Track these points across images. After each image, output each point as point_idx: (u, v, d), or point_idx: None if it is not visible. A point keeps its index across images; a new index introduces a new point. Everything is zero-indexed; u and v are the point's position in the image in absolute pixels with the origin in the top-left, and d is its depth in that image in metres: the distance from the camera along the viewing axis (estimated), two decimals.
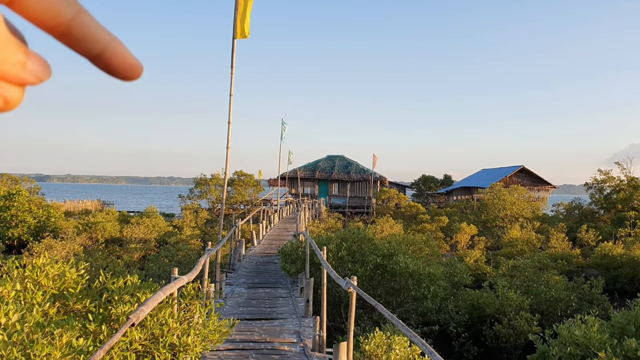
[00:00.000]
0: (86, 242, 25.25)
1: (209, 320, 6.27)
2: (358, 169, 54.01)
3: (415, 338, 4.05)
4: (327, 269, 7.61)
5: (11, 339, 4.27)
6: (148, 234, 27.57)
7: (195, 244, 24.77)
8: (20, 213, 27.25)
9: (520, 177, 54.69)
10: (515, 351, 14.14)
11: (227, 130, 12.94)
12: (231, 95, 12.55)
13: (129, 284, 6.21)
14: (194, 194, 45.55)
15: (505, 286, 15.66)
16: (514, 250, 26.23)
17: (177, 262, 17.92)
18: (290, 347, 7.88)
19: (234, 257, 16.46)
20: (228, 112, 12.73)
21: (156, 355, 5.40)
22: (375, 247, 13.37)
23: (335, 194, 53.05)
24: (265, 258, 17.57)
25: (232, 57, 12.08)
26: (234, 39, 11.85)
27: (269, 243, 21.46)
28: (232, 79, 12.32)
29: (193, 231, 30.50)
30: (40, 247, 18.78)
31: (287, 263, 13.61)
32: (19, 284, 5.68)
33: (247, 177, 47.17)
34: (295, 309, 10.46)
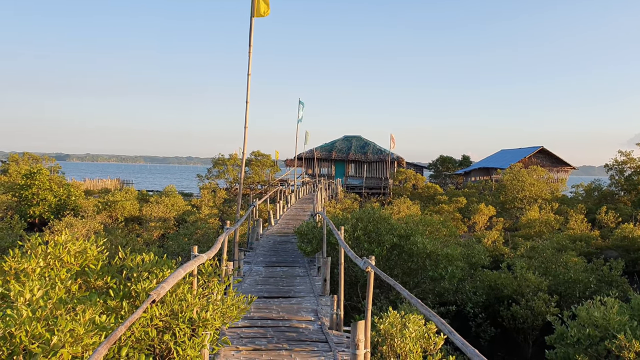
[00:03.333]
0: (106, 221, 25.58)
1: (227, 297, 6.33)
2: (375, 149, 53.77)
3: (435, 317, 4.05)
4: (344, 248, 7.62)
5: (35, 314, 4.35)
6: (167, 212, 27.86)
7: (213, 222, 24.98)
8: (41, 191, 27.66)
9: (540, 158, 54.05)
10: (533, 332, 14.12)
11: (245, 110, 12.94)
12: (249, 74, 12.52)
13: (146, 260, 6.28)
14: (212, 173, 45.85)
15: (523, 267, 15.58)
16: (532, 232, 26.04)
17: (195, 240, 18.11)
18: (308, 325, 7.95)
19: (251, 236, 16.58)
20: (246, 92, 12.72)
21: (176, 331, 5.47)
22: (392, 227, 13.35)
23: (351, 175, 52.97)
24: (282, 237, 17.68)
25: (250, 36, 12.03)
26: (252, 17, 11.78)
27: (286, 223, 21.56)
28: (249, 59, 12.29)
29: (211, 210, 30.76)
30: (61, 225, 19.06)
31: (303, 243, 13.67)
32: (42, 260, 5.77)
33: (264, 157, 47.30)
34: (313, 287, 10.53)
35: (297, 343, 7.17)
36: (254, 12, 11.60)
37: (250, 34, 11.97)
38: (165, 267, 6.23)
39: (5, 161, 45.96)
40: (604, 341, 8.71)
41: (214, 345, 5.90)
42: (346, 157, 52.87)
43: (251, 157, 46.79)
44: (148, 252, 7.65)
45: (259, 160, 46.97)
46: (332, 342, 7.17)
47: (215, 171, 45.89)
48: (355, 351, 5.65)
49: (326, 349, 6.94)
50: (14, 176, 33.38)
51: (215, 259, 7.32)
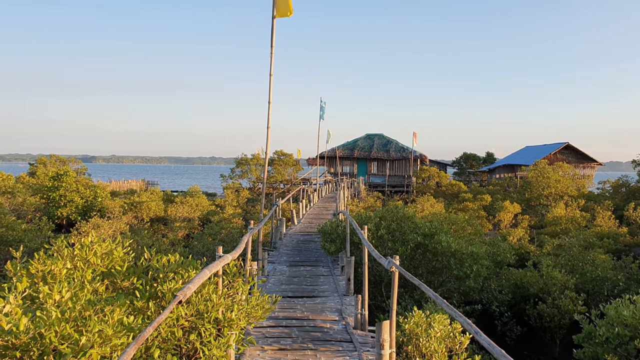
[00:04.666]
0: (132, 221, 25.90)
1: (252, 297, 6.36)
2: (398, 147, 53.54)
3: (460, 317, 4.01)
4: (368, 247, 7.60)
5: (64, 315, 4.42)
6: (191, 213, 28.12)
7: (237, 222, 25.13)
8: (68, 193, 28.12)
9: (565, 154, 53.24)
10: (560, 331, 13.92)
11: (268, 110, 12.98)
12: (271, 75, 12.56)
13: (172, 261, 6.34)
14: (235, 173, 46.14)
15: (549, 265, 15.37)
16: (559, 229, 25.68)
17: (220, 240, 18.24)
18: (333, 325, 7.95)
19: (275, 235, 16.63)
20: (268, 92, 12.76)
21: (202, 331, 5.51)
22: (416, 225, 13.27)
23: (374, 173, 52.82)
24: (305, 236, 17.70)
25: (271, 37, 12.06)
26: (274, 18, 11.80)
27: (309, 222, 21.58)
28: (272, 59, 12.32)
29: (235, 210, 30.96)
30: (88, 226, 19.36)
31: (327, 242, 13.66)
32: (70, 262, 5.86)
33: (287, 156, 47.45)
34: (337, 287, 10.52)
35: (322, 343, 7.17)
36: (275, 12, 11.63)
37: (272, 34, 12.00)
38: (190, 268, 6.28)
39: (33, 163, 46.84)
40: (633, 340, 8.55)
41: (239, 345, 5.93)
42: (368, 155, 52.74)
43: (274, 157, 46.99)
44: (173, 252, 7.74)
45: (282, 159, 47.14)
46: (357, 342, 7.16)
47: (238, 171, 46.18)
48: (381, 351, 5.63)
49: (351, 349, 6.93)
50: (41, 178, 33.99)
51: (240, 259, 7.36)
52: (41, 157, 46.38)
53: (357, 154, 53.09)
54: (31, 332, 4.18)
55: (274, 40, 12.21)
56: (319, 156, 45.84)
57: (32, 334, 4.18)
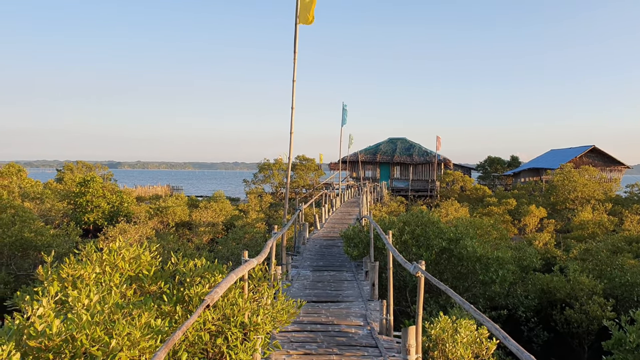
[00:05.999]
0: (157, 226, 26.20)
1: (277, 301, 6.38)
2: (421, 151, 53.26)
3: (488, 322, 3.99)
4: (393, 252, 7.58)
5: (94, 318, 4.49)
6: (216, 217, 28.34)
7: (260, 227, 25.25)
8: (95, 199, 28.58)
9: (591, 157, 52.39)
10: (588, 337, 13.68)
11: (291, 116, 13.04)
12: (294, 81, 12.61)
13: (198, 265, 6.40)
14: (258, 178, 46.40)
15: (576, 270, 15.13)
16: (586, 233, 25.26)
17: (244, 244, 18.34)
18: (358, 330, 7.93)
19: (298, 240, 16.67)
20: (291, 98, 12.82)
21: (228, 335, 5.55)
22: (441, 230, 13.19)
23: (397, 177, 52.60)
24: (328, 241, 17.70)
25: (294, 43, 12.11)
26: (297, 24, 11.87)
27: (332, 226, 21.58)
28: (294, 65, 12.37)
29: (258, 215, 31.10)
30: (115, 231, 19.63)
31: (350, 247, 13.65)
32: (98, 267, 5.96)
33: (309, 161, 47.55)
34: (361, 292, 10.50)
35: (347, 348, 7.16)
36: (298, 19, 11.69)
37: (295, 41, 12.07)
38: (216, 272, 6.33)
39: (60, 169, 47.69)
40: None
41: (265, 350, 5.95)
42: (391, 160, 52.55)
43: (296, 161, 47.12)
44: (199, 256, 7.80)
45: (304, 164, 47.25)
46: (382, 347, 7.14)
47: (261, 176, 46.43)
48: (407, 356, 5.61)
49: (376, 354, 6.91)
50: (69, 184, 34.58)
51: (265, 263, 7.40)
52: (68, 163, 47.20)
53: (379, 158, 52.94)
54: (63, 334, 4.27)
55: (297, 46, 12.27)
56: (341, 161, 45.83)
57: (64, 337, 4.27)
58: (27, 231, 16.64)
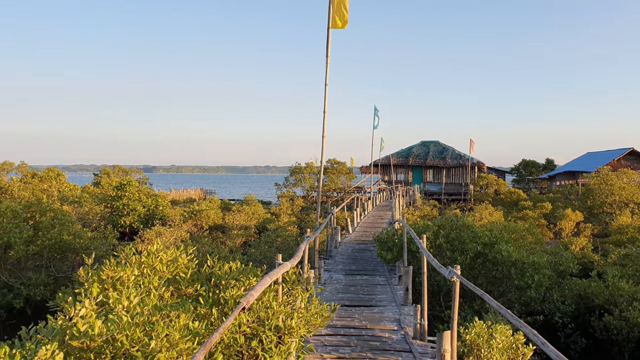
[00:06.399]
0: (192, 229, 26.56)
1: (311, 305, 6.41)
2: (454, 154, 52.73)
3: (525, 328, 3.94)
4: (427, 257, 7.54)
5: (134, 320, 4.59)
6: (248, 221, 28.58)
7: (292, 230, 25.35)
8: (131, 202, 29.15)
9: (630, 160, 51.05)
10: (629, 344, 13.34)
11: (323, 120, 13.08)
12: (326, 85, 12.66)
13: (233, 268, 6.48)
14: (289, 182, 46.60)
15: (615, 275, 14.77)
16: (624, 238, 24.62)
17: (276, 248, 18.44)
18: (391, 334, 7.91)
19: (330, 244, 16.68)
20: (323, 102, 12.86)
21: (263, 338, 5.60)
22: (475, 234, 13.05)
23: (430, 181, 52.18)
24: (360, 245, 17.67)
25: (327, 47, 12.16)
26: (329, 28, 11.91)
27: (364, 230, 21.54)
28: (327, 69, 12.42)
29: (289, 218, 31.24)
30: (151, 234, 19.97)
31: (383, 250, 13.60)
32: (137, 269, 6.08)
33: (340, 164, 47.55)
34: (394, 296, 10.45)
35: (381, 352, 7.14)
36: (330, 23, 11.74)
37: (327, 44, 12.11)
38: (251, 275, 6.40)
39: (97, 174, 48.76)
40: None
41: (299, 353, 5.99)
42: (424, 163, 52.16)
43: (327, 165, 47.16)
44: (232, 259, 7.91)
45: (335, 167, 47.27)
46: (416, 352, 7.10)
47: (292, 179, 46.63)
48: None
49: (410, 359, 6.88)
50: (105, 188, 35.33)
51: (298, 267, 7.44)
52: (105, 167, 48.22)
53: (412, 161, 52.60)
54: (104, 335, 4.38)
55: (329, 50, 12.32)
56: (373, 164, 45.69)
57: (105, 337, 4.37)
58: (66, 234, 17.05)
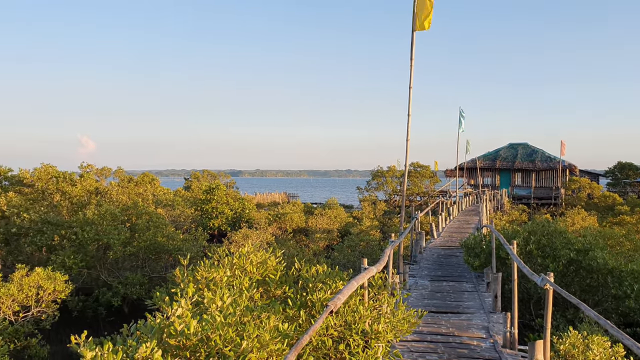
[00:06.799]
0: (276, 232, 27.11)
1: (398, 310, 6.38)
2: (544, 157, 50.63)
3: (628, 340, 3.74)
4: (518, 263, 7.30)
5: (227, 320, 4.76)
6: (330, 224, 28.78)
7: (375, 234, 25.27)
8: (219, 205, 30.20)
9: None
10: None
11: (407, 123, 12.97)
12: (410, 87, 12.56)
13: (320, 271, 6.57)
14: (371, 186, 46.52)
15: None
16: None
17: (359, 252, 18.46)
18: (480, 342, 7.72)
19: (414, 249, 16.50)
20: (407, 105, 12.76)
21: (350, 341, 5.63)
22: (568, 241, 12.48)
23: (518, 185, 50.38)
24: (446, 251, 17.36)
25: (411, 50, 12.07)
26: (413, 31, 11.82)
27: (449, 235, 21.14)
28: (411, 72, 12.32)
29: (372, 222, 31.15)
30: (238, 236, 20.58)
31: (470, 257, 13.29)
32: (229, 270, 6.30)
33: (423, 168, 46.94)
34: (482, 303, 10.20)
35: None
36: (414, 25, 11.65)
37: (411, 47, 12.02)
38: (337, 279, 6.46)
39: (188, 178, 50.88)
40: None
41: (386, 358, 5.97)
42: (512, 166, 50.43)
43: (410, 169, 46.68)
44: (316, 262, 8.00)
45: (418, 171, 46.70)
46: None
47: (374, 183, 46.51)
48: None
49: None
50: (195, 192, 36.78)
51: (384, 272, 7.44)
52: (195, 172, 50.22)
53: (499, 164, 51.00)
54: (199, 334, 4.57)
55: (413, 52, 12.22)
56: (458, 167, 44.73)
57: (200, 337, 4.57)
58: (160, 236, 17.89)
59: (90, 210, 18.55)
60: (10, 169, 26.57)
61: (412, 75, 12.41)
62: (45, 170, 24.25)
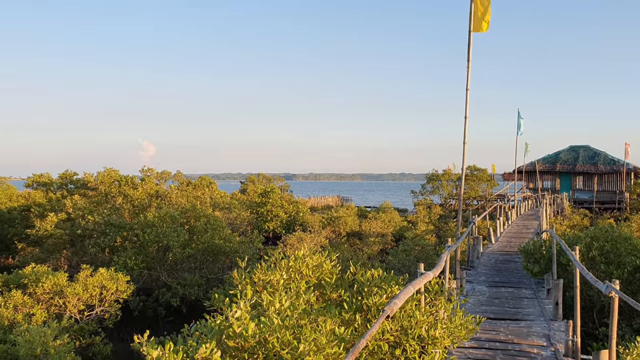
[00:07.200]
0: (330, 235, 27.20)
1: (455, 316, 6.29)
2: (607, 159, 48.73)
3: None
4: (581, 270, 7.07)
5: (284, 322, 4.81)
6: (384, 228, 28.64)
7: (430, 239, 24.98)
8: (274, 208, 30.59)
9: None
10: None
11: (464, 125, 12.78)
12: (467, 89, 12.38)
13: (375, 275, 6.55)
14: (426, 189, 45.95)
15: None
16: None
17: (414, 257, 18.29)
18: (540, 351, 7.50)
19: (472, 254, 16.21)
20: (465, 107, 12.58)
21: (406, 347, 5.60)
22: (634, 247, 11.96)
23: (579, 188, 48.65)
24: (504, 256, 16.97)
25: (468, 51, 11.90)
26: (470, 32, 11.65)
27: (508, 240, 20.65)
28: (468, 73, 12.15)
29: (427, 226, 30.82)
30: (293, 239, 20.77)
31: (529, 262, 12.94)
32: (286, 273, 6.37)
33: (480, 171, 46.04)
34: (543, 311, 9.91)
35: None
36: (472, 27, 11.47)
37: (468, 49, 11.85)
38: (392, 283, 6.44)
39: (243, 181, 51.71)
40: None
41: None
42: (572, 169, 48.76)
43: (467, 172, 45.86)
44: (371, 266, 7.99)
45: (475, 174, 45.83)
46: None
47: (429, 187, 45.92)
48: None
49: None
50: (251, 195, 37.35)
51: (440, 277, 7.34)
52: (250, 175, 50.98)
53: (559, 167, 49.42)
54: (257, 336, 4.64)
55: (470, 54, 12.04)
56: (517, 170, 43.62)
57: (258, 339, 4.64)
58: (218, 238, 18.27)
59: (151, 213, 19.14)
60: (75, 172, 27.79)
61: (469, 77, 12.23)
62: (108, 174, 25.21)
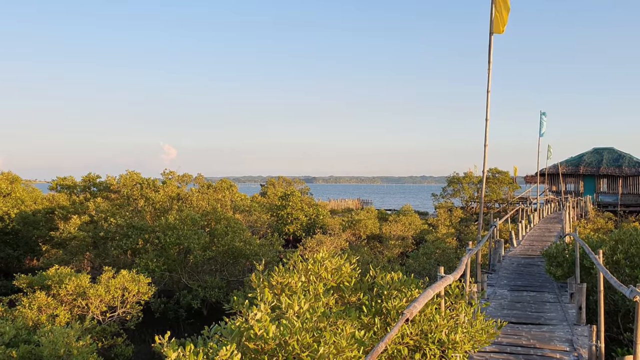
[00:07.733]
0: (350, 238, 27.16)
1: (476, 320, 6.24)
2: (632, 162, 47.92)
3: None
4: (605, 274, 6.95)
5: (304, 325, 4.82)
6: (405, 231, 28.51)
7: (451, 242, 24.79)
8: (294, 211, 30.64)
9: None
10: None
11: (485, 128, 12.65)
12: (488, 91, 12.26)
13: (395, 279, 6.53)
14: (447, 192, 45.61)
15: None
16: None
17: (435, 260, 18.17)
18: (563, 356, 7.40)
19: (493, 257, 16.05)
20: (485, 109, 12.46)
21: (426, 351, 5.57)
22: None
23: (603, 191, 47.91)
24: (526, 260, 16.78)
25: (489, 53, 11.81)
26: (491, 34, 11.56)
27: (530, 244, 20.41)
28: (489, 75, 12.04)
29: (448, 230, 30.60)
30: (313, 242, 20.78)
31: (552, 266, 12.78)
32: (304, 276, 6.38)
33: (502, 174, 45.59)
34: (565, 315, 9.78)
35: None
36: (493, 28, 11.39)
37: (489, 50, 11.75)
38: (412, 287, 6.40)
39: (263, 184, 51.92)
40: None
41: None
42: (596, 172, 48.04)
43: (488, 175, 45.45)
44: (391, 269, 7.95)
45: (496, 177, 45.40)
46: None
47: (450, 190, 45.58)
48: None
49: None
50: (271, 198, 37.48)
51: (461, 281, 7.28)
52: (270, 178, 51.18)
53: (582, 170, 48.73)
54: (277, 339, 4.66)
55: (491, 56, 11.94)
56: (539, 173, 43.13)
57: (279, 341, 4.65)
58: (238, 240, 18.36)
59: (172, 216, 19.32)
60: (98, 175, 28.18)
61: (489, 79, 12.13)
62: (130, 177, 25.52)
